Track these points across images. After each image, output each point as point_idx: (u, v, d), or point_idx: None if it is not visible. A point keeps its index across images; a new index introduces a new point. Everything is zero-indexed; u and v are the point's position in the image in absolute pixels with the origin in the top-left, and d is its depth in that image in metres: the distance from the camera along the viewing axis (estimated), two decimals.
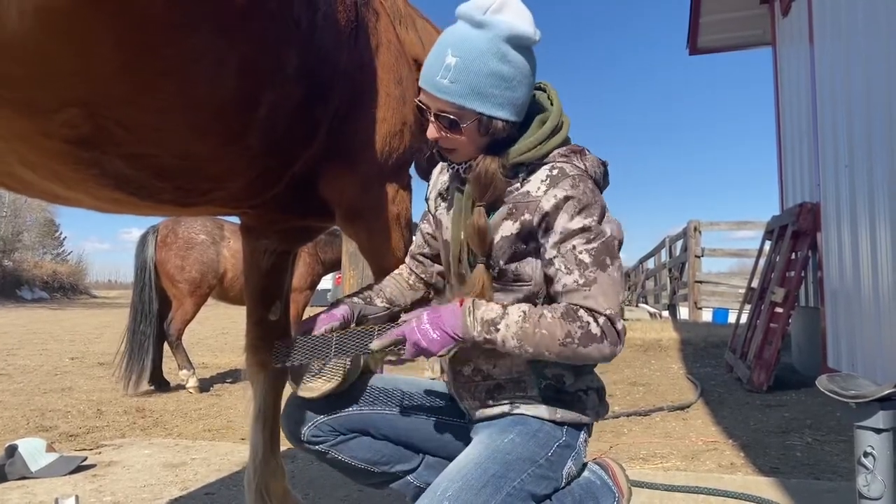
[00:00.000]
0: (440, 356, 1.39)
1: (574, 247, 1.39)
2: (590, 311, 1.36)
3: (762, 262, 6.56)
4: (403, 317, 1.47)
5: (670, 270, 13.28)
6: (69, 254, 40.42)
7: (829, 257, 5.06)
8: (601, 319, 1.35)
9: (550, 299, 1.50)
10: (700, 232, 10.89)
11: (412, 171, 2.03)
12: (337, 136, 1.71)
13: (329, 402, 1.68)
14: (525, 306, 1.38)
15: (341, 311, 1.64)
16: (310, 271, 6.46)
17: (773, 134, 7.23)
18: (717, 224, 11.25)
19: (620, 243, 1.48)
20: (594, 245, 1.39)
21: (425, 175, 1.78)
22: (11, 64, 1.03)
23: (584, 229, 1.39)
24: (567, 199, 1.41)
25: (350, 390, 1.69)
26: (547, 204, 1.42)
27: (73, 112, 1.14)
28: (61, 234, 40.32)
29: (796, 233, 5.48)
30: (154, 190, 1.42)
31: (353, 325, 1.64)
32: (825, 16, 5.12)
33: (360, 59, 1.73)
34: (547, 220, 1.43)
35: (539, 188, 1.45)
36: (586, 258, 1.38)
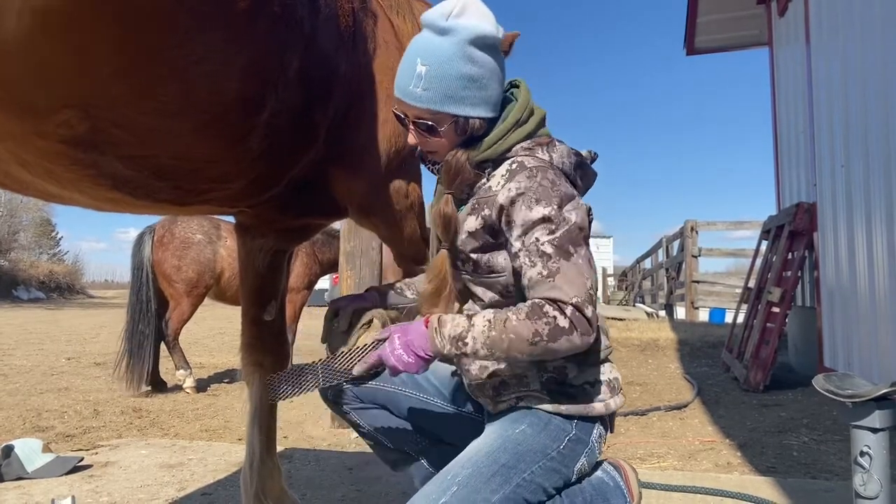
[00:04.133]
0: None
1: (537, 238, 1.38)
2: (555, 302, 1.34)
3: (759, 261, 6.57)
4: (378, 334, 1.52)
5: (667, 270, 13.30)
6: (65, 253, 40.26)
7: (826, 257, 5.07)
8: (569, 310, 1.33)
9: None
10: (697, 232, 10.90)
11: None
12: (340, 137, 1.72)
13: None
14: (489, 313, 1.38)
15: (371, 295, 1.74)
16: (307, 271, 6.45)
17: (770, 134, 7.24)
18: (713, 224, 11.27)
19: (585, 230, 1.44)
20: (556, 235, 1.38)
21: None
22: (7, 64, 1.02)
23: (544, 219, 1.39)
24: (521, 191, 1.41)
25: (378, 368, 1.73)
26: (502, 197, 1.43)
27: (70, 113, 1.13)
28: (57, 233, 40.15)
29: (793, 233, 5.49)
30: (151, 189, 1.42)
31: (379, 311, 1.74)
32: (821, 16, 5.13)
33: (360, 61, 1.73)
34: (506, 215, 1.44)
35: (499, 182, 1.47)
36: (549, 249, 1.37)
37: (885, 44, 3.82)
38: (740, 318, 6.37)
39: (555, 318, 1.32)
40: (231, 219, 2.15)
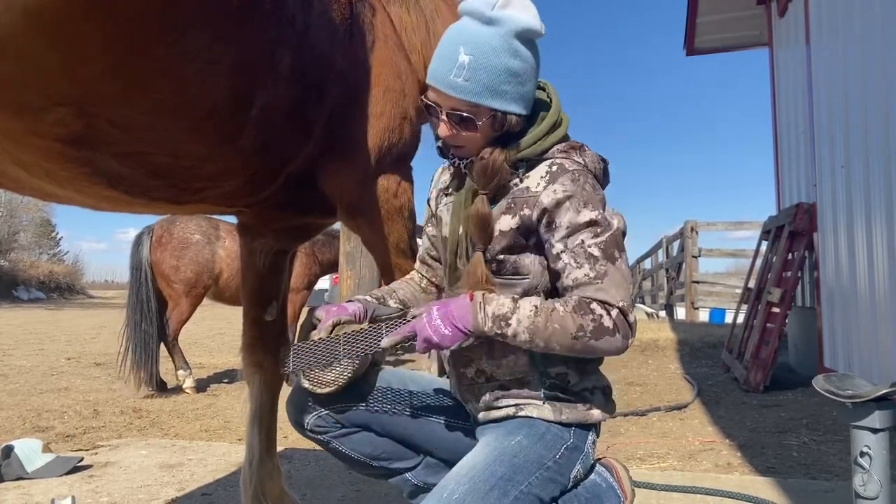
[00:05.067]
0: (451, 349, 1.39)
1: (583, 241, 1.39)
2: (602, 303, 1.35)
3: (759, 262, 6.57)
4: (412, 312, 1.47)
5: (667, 271, 13.30)
6: (65, 254, 40.35)
7: (826, 257, 5.07)
8: (614, 312, 1.35)
9: (550, 293, 1.50)
10: (697, 232, 10.90)
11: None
12: (335, 132, 1.71)
13: (336, 394, 1.65)
14: (536, 300, 1.38)
15: (353, 307, 1.61)
16: (307, 271, 6.45)
17: (770, 134, 7.25)
18: (713, 224, 11.27)
19: (624, 234, 1.48)
20: (602, 238, 1.39)
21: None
22: (1, 63, 1.03)
23: (591, 223, 1.40)
24: (569, 194, 1.41)
25: (358, 384, 1.67)
26: (546, 199, 1.43)
27: (64, 111, 1.14)
28: (57, 234, 40.22)
29: (793, 233, 5.49)
30: (147, 188, 1.42)
31: (365, 323, 1.60)
32: (821, 16, 5.13)
33: (357, 56, 1.72)
34: (548, 216, 1.43)
35: (539, 184, 1.45)
36: (596, 251, 1.38)
37: (885, 44, 3.82)
38: (740, 319, 6.37)
39: (601, 316, 1.34)
40: (230, 219, 2.14)
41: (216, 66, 1.28)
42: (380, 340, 1.43)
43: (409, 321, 1.43)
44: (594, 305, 1.35)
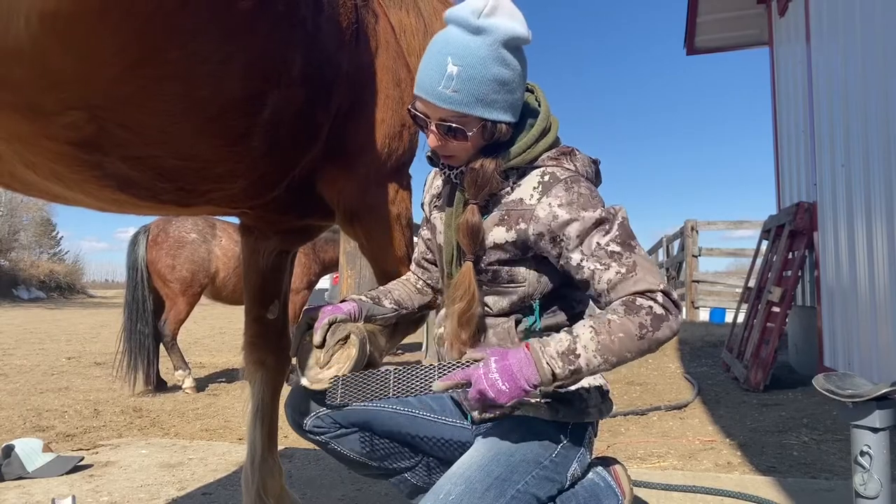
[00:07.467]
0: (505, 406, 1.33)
1: (598, 243, 1.38)
2: (645, 294, 1.33)
3: (759, 261, 6.57)
4: (469, 354, 1.38)
5: (667, 270, 13.30)
6: (66, 253, 40.28)
7: (826, 256, 5.07)
8: (659, 297, 1.33)
9: (547, 298, 1.51)
10: (697, 231, 10.90)
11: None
12: (336, 137, 1.71)
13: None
14: (589, 321, 1.35)
15: (348, 306, 1.60)
16: (306, 271, 6.45)
17: (770, 133, 7.24)
18: (714, 223, 11.26)
19: (629, 222, 1.47)
20: (615, 232, 1.39)
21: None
22: (15, 67, 1.03)
23: (597, 222, 1.39)
24: (566, 206, 1.40)
25: None
26: (542, 213, 1.42)
27: (76, 115, 1.14)
28: (58, 233, 40.16)
29: (793, 232, 5.49)
30: (155, 191, 1.42)
31: (357, 325, 1.59)
32: (822, 15, 5.13)
33: (360, 60, 1.73)
34: (550, 232, 1.42)
35: (532, 195, 1.44)
36: (615, 247, 1.37)
37: (886, 44, 3.82)
38: (740, 318, 6.37)
39: (651, 307, 1.32)
40: (230, 219, 2.14)
41: (228, 67, 1.27)
42: (431, 382, 1.35)
43: (465, 365, 1.35)
44: (640, 301, 1.32)
